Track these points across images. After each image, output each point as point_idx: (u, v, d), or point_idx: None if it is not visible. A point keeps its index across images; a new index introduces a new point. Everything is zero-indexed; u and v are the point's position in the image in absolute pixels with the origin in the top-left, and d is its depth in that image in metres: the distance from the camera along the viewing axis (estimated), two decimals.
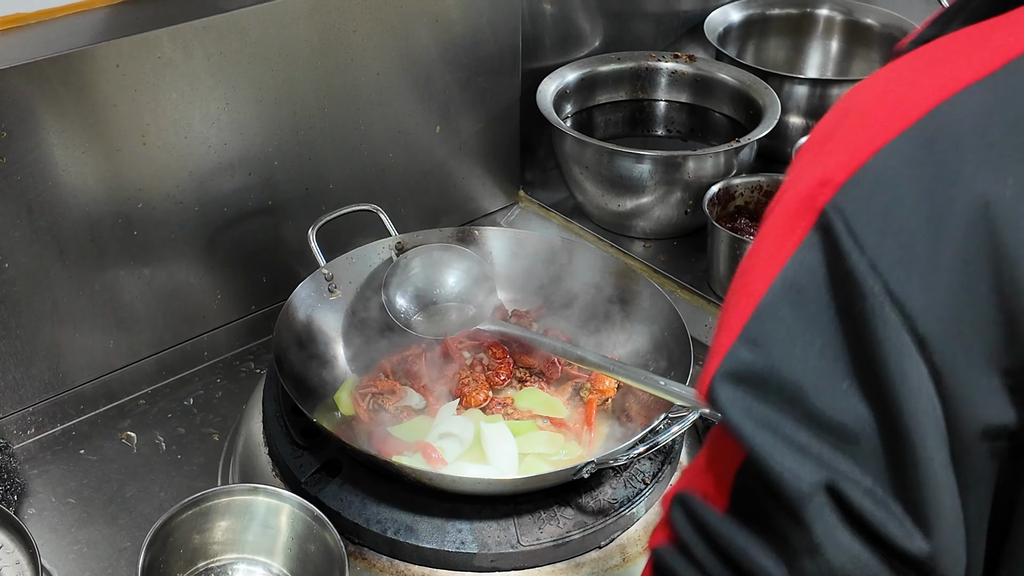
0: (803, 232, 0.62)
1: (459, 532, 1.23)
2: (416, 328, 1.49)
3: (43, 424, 1.48)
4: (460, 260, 1.54)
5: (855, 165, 0.62)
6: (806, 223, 0.62)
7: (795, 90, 1.97)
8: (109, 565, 1.30)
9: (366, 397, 1.41)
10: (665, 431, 1.26)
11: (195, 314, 1.60)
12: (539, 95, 1.87)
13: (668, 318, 1.45)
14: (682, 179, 1.77)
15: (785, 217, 0.64)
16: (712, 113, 2.02)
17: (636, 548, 1.28)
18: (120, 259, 1.47)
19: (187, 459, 1.46)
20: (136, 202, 1.45)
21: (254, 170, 1.56)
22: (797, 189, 0.64)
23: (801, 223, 0.63)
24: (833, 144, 0.65)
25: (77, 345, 1.47)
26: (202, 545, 1.23)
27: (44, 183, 1.35)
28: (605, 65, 2.01)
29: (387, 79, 1.66)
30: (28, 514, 1.36)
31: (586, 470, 1.21)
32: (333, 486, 1.27)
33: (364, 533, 1.24)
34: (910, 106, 0.62)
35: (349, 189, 1.67)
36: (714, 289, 1.72)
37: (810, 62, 2.25)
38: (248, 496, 1.23)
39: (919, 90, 0.63)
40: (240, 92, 1.49)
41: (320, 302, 1.49)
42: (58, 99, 1.32)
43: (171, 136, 1.45)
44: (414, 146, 1.75)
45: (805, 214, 0.62)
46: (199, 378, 1.60)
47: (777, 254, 0.63)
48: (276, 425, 1.36)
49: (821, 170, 0.63)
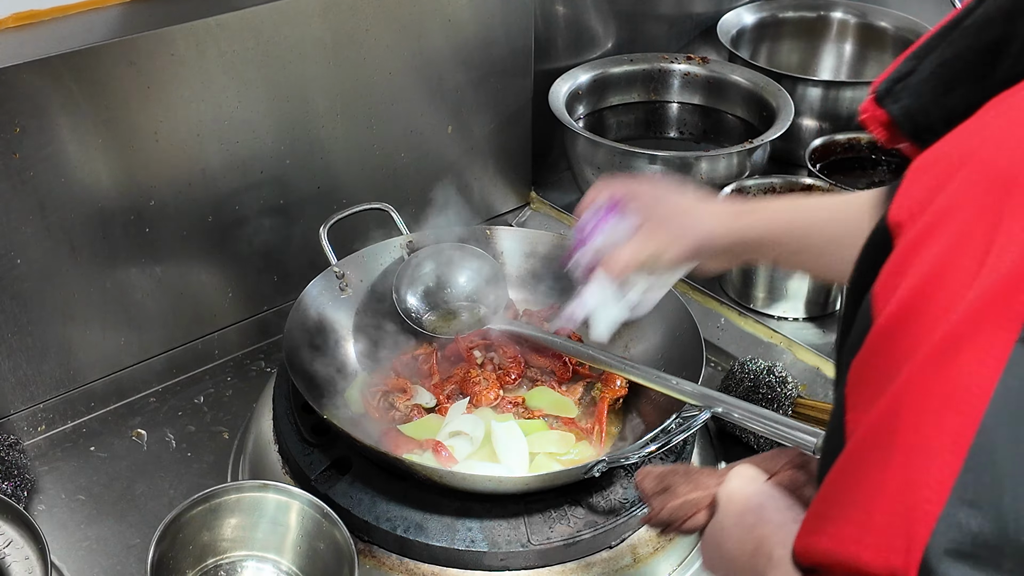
0: (1006, 349, 0.50)
1: (469, 531, 1.22)
2: (427, 327, 1.49)
3: (54, 421, 1.48)
4: (471, 259, 1.54)
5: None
6: (1007, 336, 0.50)
7: (808, 92, 1.97)
8: (118, 562, 1.30)
9: (376, 395, 1.41)
10: (677, 431, 1.25)
11: (206, 312, 1.60)
12: (551, 96, 1.86)
13: (680, 318, 1.44)
14: (695, 180, 1.76)
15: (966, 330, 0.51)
16: (725, 115, 2.01)
17: (647, 548, 1.27)
18: (131, 256, 1.47)
19: (197, 457, 1.46)
20: (148, 199, 1.45)
21: (266, 168, 1.56)
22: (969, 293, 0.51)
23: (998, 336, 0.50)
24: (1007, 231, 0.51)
25: (88, 342, 1.48)
26: (211, 542, 1.22)
27: (57, 179, 1.35)
28: (618, 67, 2.01)
29: (399, 79, 1.66)
30: (38, 510, 1.36)
31: (597, 469, 1.20)
32: (343, 484, 1.27)
33: (374, 531, 1.23)
34: None
35: (361, 188, 1.67)
36: (726, 291, 1.71)
37: (823, 64, 2.25)
38: (258, 493, 1.23)
39: None
40: (253, 90, 1.49)
41: (331, 300, 1.49)
42: (71, 96, 1.33)
43: (183, 133, 1.45)
44: (426, 146, 1.75)
45: (1001, 324, 0.50)
46: (209, 376, 1.60)
47: (973, 382, 0.50)
48: (286, 423, 1.35)
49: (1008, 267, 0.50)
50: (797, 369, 1.57)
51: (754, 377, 1.48)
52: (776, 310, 1.66)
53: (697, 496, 0.95)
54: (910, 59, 1.16)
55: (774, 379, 1.47)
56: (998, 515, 0.50)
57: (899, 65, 1.17)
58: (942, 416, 0.51)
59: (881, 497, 0.53)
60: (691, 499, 0.95)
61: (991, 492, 0.50)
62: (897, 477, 0.52)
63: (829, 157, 1.88)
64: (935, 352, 0.52)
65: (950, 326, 0.52)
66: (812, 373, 1.57)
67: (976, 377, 0.50)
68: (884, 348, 0.55)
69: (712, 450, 1.44)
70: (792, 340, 1.61)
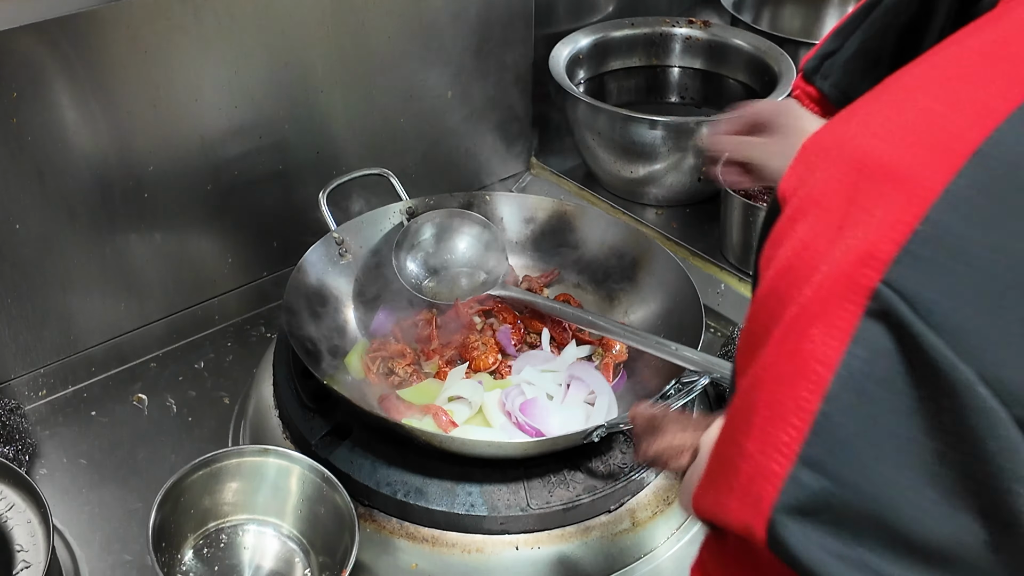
0: (850, 323, 0.52)
1: (469, 495, 1.23)
2: (426, 293, 1.49)
3: (54, 386, 1.49)
4: (471, 225, 1.54)
5: (903, 233, 0.52)
6: (851, 312, 0.52)
7: None
8: (120, 525, 1.31)
9: (376, 361, 1.41)
10: (676, 396, 1.26)
11: (206, 278, 1.60)
12: (552, 61, 1.85)
13: (680, 284, 1.44)
14: (695, 145, 1.76)
15: (817, 305, 0.54)
16: (726, 80, 2.00)
17: (646, 513, 1.28)
18: (131, 223, 1.47)
19: (198, 422, 1.47)
20: (147, 165, 1.44)
21: (265, 134, 1.55)
22: (822, 269, 0.54)
23: (844, 311, 0.52)
24: (857, 209, 0.54)
25: (88, 308, 1.48)
26: (212, 506, 1.23)
27: (55, 145, 1.34)
28: (619, 31, 2.00)
29: (399, 43, 1.65)
30: (40, 474, 1.37)
31: (596, 434, 1.21)
32: (343, 449, 1.28)
33: (374, 495, 1.24)
34: (945, 152, 0.53)
35: (360, 154, 1.66)
36: (727, 256, 1.71)
37: (826, 28, 2.23)
38: (259, 458, 1.23)
39: (946, 131, 0.53)
40: (251, 55, 1.48)
41: (331, 266, 1.49)
42: (68, 61, 1.32)
43: (182, 99, 1.44)
44: (426, 111, 1.74)
45: (846, 301, 0.52)
46: (210, 342, 1.61)
47: (820, 354, 0.53)
48: (286, 388, 1.36)
49: (854, 243, 0.53)
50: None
51: None
52: None
53: (682, 440, 0.98)
54: (835, 37, 1.18)
55: None
56: (838, 477, 0.53)
57: (825, 43, 1.19)
58: (793, 385, 0.54)
59: (743, 461, 0.56)
60: (675, 443, 0.98)
61: (832, 456, 0.53)
62: (755, 441, 0.56)
63: None
64: (790, 325, 0.55)
65: (804, 300, 0.54)
66: None
67: (824, 348, 0.53)
68: (758, 315, 0.58)
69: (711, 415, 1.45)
70: None
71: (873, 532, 0.53)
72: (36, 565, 1.15)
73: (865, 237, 0.53)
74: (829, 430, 0.53)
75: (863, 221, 0.53)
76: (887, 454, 0.52)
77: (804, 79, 1.20)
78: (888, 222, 0.52)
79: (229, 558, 1.22)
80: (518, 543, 1.23)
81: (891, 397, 0.52)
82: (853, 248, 0.53)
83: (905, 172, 0.53)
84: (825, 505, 0.53)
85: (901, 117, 0.56)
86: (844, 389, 0.53)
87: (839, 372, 0.52)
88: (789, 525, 0.54)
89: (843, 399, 0.53)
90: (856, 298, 0.52)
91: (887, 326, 0.51)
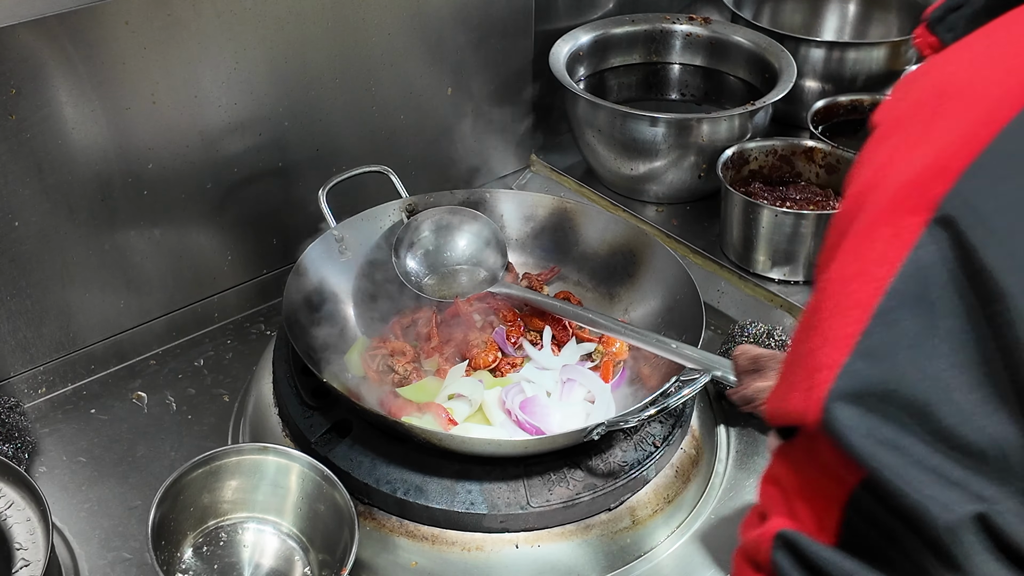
0: (917, 229, 0.56)
1: (469, 493, 1.23)
2: (426, 290, 1.48)
3: (54, 383, 1.48)
4: (471, 223, 1.53)
5: (975, 149, 0.56)
6: (919, 219, 0.56)
7: (811, 53, 1.95)
8: (119, 523, 1.31)
9: (376, 358, 1.41)
10: (676, 394, 1.25)
11: (205, 275, 1.59)
12: (552, 57, 1.85)
13: (680, 282, 1.44)
14: (696, 143, 1.75)
15: (886, 215, 0.58)
16: (727, 76, 2.00)
17: (646, 511, 1.28)
18: (130, 219, 1.46)
19: (197, 419, 1.46)
20: (146, 162, 1.44)
21: (264, 130, 1.55)
22: (895, 181, 0.58)
23: (911, 219, 0.56)
24: (935, 128, 0.58)
25: (88, 305, 1.47)
26: (212, 504, 1.23)
27: (54, 141, 1.34)
28: (619, 27, 1.99)
29: (399, 39, 1.64)
30: (39, 472, 1.37)
31: (596, 432, 1.20)
32: (343, 446, 1.27)
33: (374, 493, 1.24)
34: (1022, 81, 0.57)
35: (360, 150, 1.66)
36: (727, 254, 1.71)
37: (827, 25, 2.22)
38: (258, 455, 1.23)
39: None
40: (250, 51, 1.48)
41: (330, 263, 1.48)
42: (67, 56, 1.31)
43: (181, 95, 1.44)
44: (425, 108, 1.74)
45: (914, 210, 0.56)
46: (209, 339, 1.60)
47: (885, 256, 0.57)
48: (286, 386, 1.35)
49: (924, 160, 0.57)
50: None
51: (754, 341, 1.47)
52: (776, 273, 1.65)
53: None
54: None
55: (774, 343, 1.46)
56: (891, 368, 0.57)
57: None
58: (857, 283, 0.59)
59: (805, 358, 0.61)
60: None
61: (888, 349, 0.57)
62: (817, 337, 0.60)
63: (831, 119, 1.87)
64: (860, 230, 0.60)
65: (877, 208, 0.59)
66: None
67: (889, 250, 0.57)
68: (835, 229, 0.63)
69: (712, 413, 1.45)
70: (793, 303, 1.61)
71: (917, 424, 0.56)
72: (35, 563, 1.15)
73: (940, 152, 0.57)
74: (887, 324, 0.57)
75: (940, 138, 0.58)
76: (939, 352, 0.56)
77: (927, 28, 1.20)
78: (962, 139, 0.56)
79: (228, 556, 1.22)
80: (518, 541, 1.22)
81: (947, 299, 0.55)
82: (927, 162, 0.57)
83: (982, 95, 0.58)
84: (875, 394, 0.57)
85: (981, 50, 0.61)
86: (904, 288, 0.56)
87: (901, 272, 0.56)
88: (840, 409, 0.57)
89: (903, 297, 0.56)
90: (924, 206, 0.56)
91: (949, 233, 0.55)
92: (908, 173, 0.58)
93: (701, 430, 1.39)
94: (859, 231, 0.60)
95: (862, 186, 0.61)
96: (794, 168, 1.75)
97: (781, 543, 0.62)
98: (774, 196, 1.69)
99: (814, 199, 1.69)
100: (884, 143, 0.61)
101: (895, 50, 1.95)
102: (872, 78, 1.96)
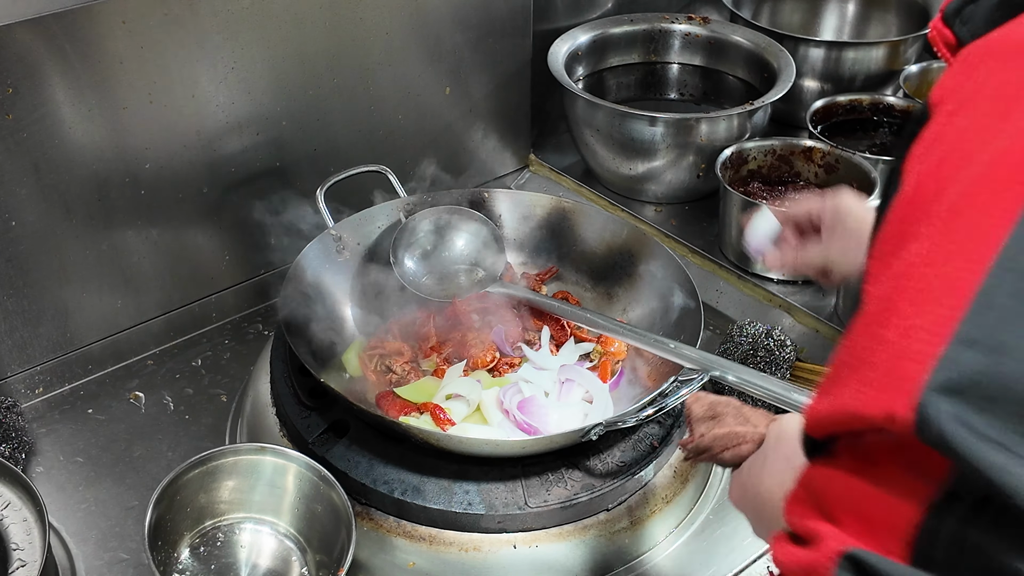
0: (1018, 202, 0.52)
1: (466, 493, 1.23)
2: (424, 290, 1.48)
3: (51, 383, 1.48)
4: (469, 222, 1.53)
5: None
6: (1019, 193, 0.52)
7: (810, 53, 1.94)
8: (116, 523, 1.30)
9: (374, 358, 1.41)
10: (674, 394, 1.25)
11: (203, 275, 1.59)
12: (551, 57, 1.84)
13: (679, 282, 1.44)
14: (694, 142, 1.75)
15: (979, 188, 0.53)
16: (726, 76, 1.99)
17: (644, 511, 1.28)
18: (128, 219, 1.46)
19: (195, 419, 1.46)
20: (143, 161, 1.44)
21: (262, 130, 1.54)
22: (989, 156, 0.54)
23: (1009, 193, 0.52)
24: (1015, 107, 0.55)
25: (85, 305, 1.47)
26: (209, 504, 1.23)
27: (51, 140, 1.34)
28: (618, 27, 1.99)
29: (397, 39, 1.64)
30: (36, 472, 1.36)
31: (594, 432, 1.20)
32: (340, 447, 1.27)
33: (371, 494, 1.23)
34: None
35: (358, 150, 1.66)
36: (726, 254, 1.71)
37: (826, 25, 2.22)
38: (255, 456, 1.23)
39: None
40: (248, 50, 1.47)
41: (328, 263, 1.48)
42: (64, 55, 1.31)
43: (178, 95, 1.43)
44: (424, 107, 1.74)
45: (1014, 182, 0.52)
46: (207, 339, 1.60)
47: (987, 233, 0.52)
48: (284, 386, 1.35)
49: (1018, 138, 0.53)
50: (796, 332, 1.56)
51: (752, 341, 1.47)
52: (775, 273, 1.65)
53: (744, 430, 0.95)
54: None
55: (772, 343, 1.46)
56: (1000, 355, 0.51)
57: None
58: (949, 265, 0.53)
59: (881, 350, 0.54)
60: (738, 431, 0.95)
61: (993, 334, 0.51)
62: (896, 327, 0.54)
63: (830, 119, 1.86)
64: (947, 209, 0.54)
65: (966, 183, 0.53)
66: (811, 336, 1.56)
67: (989, 226, 0.52)
68: (902, 215, 0.58)
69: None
70: (791, 303, 1.61)
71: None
72: (32, 563, 1.15)
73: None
74: (991, 307, 0.51)
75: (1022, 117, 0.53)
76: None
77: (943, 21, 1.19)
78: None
79: (225, 556, 1.22)
80: (516, 541, 1.22)
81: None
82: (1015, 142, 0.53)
83: None
84: (981, 385, 0.51)
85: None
86: (1007, 268, 0.51)
87: (1005, 249, 0.51)
88: (940, 404, 0.51)
89: (1008, 277, 0.51)
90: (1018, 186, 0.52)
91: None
92: (1002, 144, 0.53)
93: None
94: (947, 210, 0.54)
95: (934, 164, 0.56)
96: (793, 168, 1.75)
97: (848, 564, 0.56)
98: (773, 196, 1.69)
99: None
100: (959, 116, 0.57)
101: (894, 50, 1.95)
102: (871, 78, 1.95)
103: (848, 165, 1.69)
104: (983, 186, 0.53)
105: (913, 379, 0.52)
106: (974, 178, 0.54)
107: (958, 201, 0.54)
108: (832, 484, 0.59)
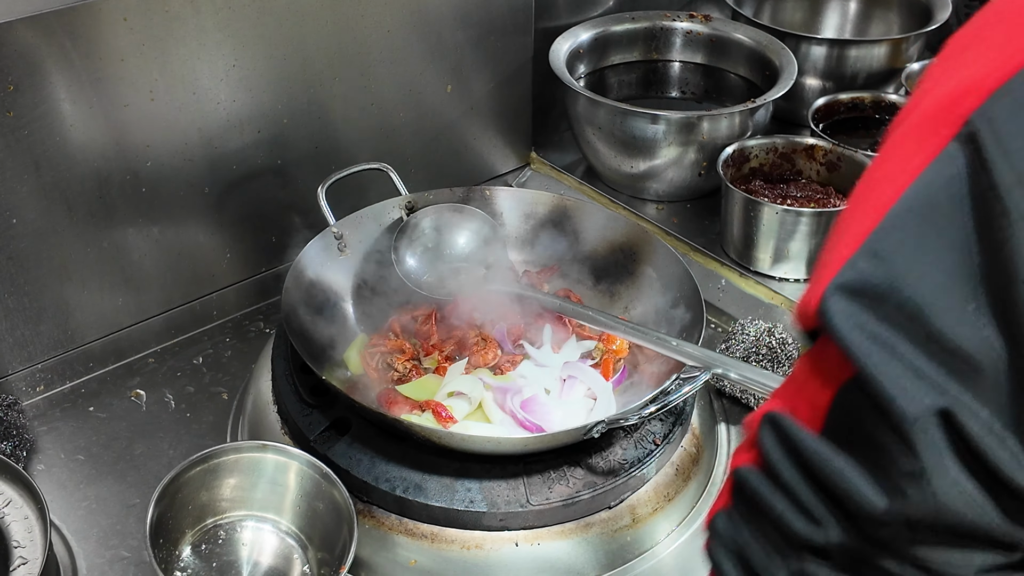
0: (942, 141, 0.58)
1: (468, 491, 1.22)
2: (426, 288, 1.48)
3: (52, 381, 1.48)
4: (471, 220, 1.53)
5: (1008, 71, 0.57)
6: (946, 132, 0.58)
7: (812, 51, 1.94)
8: (118, 521, 1.30)
9: (375, 356, 1.41)
10: (676, 392, 1.25)
11: (204, 273, 1.59)
12: (552, 55, 1.84)
13: (681, 280, 1.44)
14: (696, 140, 1.75)
15: (920, 125, 0.60)
16: (727, 74, 1.99)
17: (646, 509, 1.27)
18: (128, 216, 1.46)
19: (196, 417, 1.46)
20: (144, 159, 1.44)
21: (263, 128, 1.54)
22: (935, 96, 0.60)
23: (939, 132, 0.58)
24: (980, 50, 0.60)
25: (86, 303, 1.47)
26: (210, 502, 1.23)
27: (52, 138, 1.34)
28: (619, 25, 1.99)
29: (398, 36, 1.64)
30: (37, 470, 1.36)
31: (596, 430, 1.20)
32: (342, 444, 1.27)
33: (373, 491, 1.23)
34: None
35: (359, 148, 1.66)
36: (727, 252, 1.70)
37: (828, 23, 2.22)
38: (257, 453, 1.23)
39: None
40: (249, 48, 1.47)
41: (329, 261, 1.48)
42: (65, 53, 1.31)
43: (179, 92, 1.43)
44: (425, 105, 1.73)
45: (945, 123, 0.58)
46: (208, 337, 1.60)
47: (909, 164, 0.59)
48: (285, 384, 1.35)
49: (966, 77, 0.59)
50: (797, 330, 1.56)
51: (754, 338, 1.47)
52: (777, 271, 1.65)
53: None
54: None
55: (774, 340, 1.46)
56: (892, 268, 0.59)
57: None
58: (878, 188, 0.61)
59: (828, 252, 0.63)
60: None
61: (893, 249, 0.59)
62: (837, 236, 0.63)
63: (832, 117, 1.86)
64: (896, 139, 0.63)
65: (910, 121, 0.62)
66: None
67: (911, 159, 0.59)
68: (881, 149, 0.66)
69: (712, 411, 1.44)
70: (793, 301, 1.60)
71: (909, 325, 0.58)
72: (33, 561, 1.14)
73: (975, 72, 0.58)
74: (896, 227, 0.59)
75: (981, 58, 0.59)
76: (942, 259, 0.57)
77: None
78: (999, 59, 0.58)
79: (227, 554, 1.22)
80: (517, 539, 1.22)
81: (957, 212, 0.57)
82: (962, 79, 0.59)
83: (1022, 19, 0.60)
84: (872, 289, 0.59)
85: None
86: (916, 195, 0.58)
87: (918, 181, 0.58)
88: (837, 301, 0.60)
89: (912, 204, 0.59)
90: (953, 120, 0.58)
91: (970, 149, 0.57)
92: (945, 90, 0.60)
93: (702, 428, 1.38)
94: (894, 140, 0.62)
95: (911, 102, 0.63)
96: (795, 166, 1.75)
97: (767, 421, 0.66)
98: (775, 194, 1.69)
99: (815, 197, 1.68)
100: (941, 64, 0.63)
101: (896, 47, 1.95)
102: (873, 76, 1.95)
103: (850, 163, 1.69)
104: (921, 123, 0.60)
105: (824, 278, 0.61)
106: (920, 115, 0.61)
107: (902, 133, 0.62)
108: (797, 368, 0.68)
